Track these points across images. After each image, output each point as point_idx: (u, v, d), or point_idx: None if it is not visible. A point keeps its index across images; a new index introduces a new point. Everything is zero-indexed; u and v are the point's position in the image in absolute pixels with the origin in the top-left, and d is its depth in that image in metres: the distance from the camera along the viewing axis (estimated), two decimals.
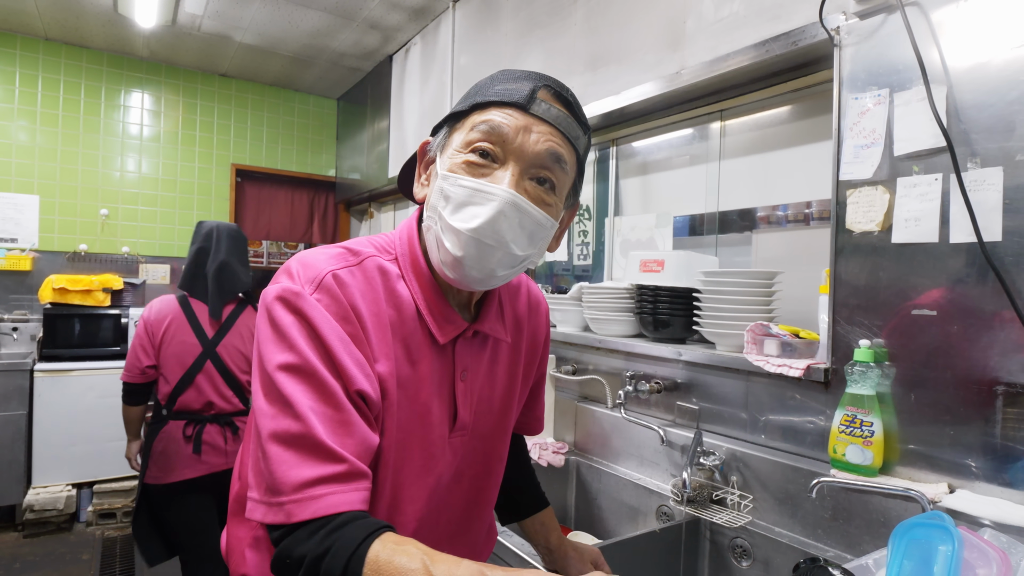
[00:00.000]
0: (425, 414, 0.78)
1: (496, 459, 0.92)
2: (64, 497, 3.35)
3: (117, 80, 4.06)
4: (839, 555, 1.19)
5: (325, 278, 0.71)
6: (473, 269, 0.73)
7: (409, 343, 0.76)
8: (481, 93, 0.76)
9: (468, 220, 0.71)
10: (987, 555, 0.76)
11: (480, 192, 0.71)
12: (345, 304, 0.71)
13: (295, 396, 0.65)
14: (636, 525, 1.63)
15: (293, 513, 0.62)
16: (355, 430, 0.67)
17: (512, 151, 0.72)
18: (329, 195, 4.93)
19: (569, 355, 2.01)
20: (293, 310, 0.69)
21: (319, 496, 0.62)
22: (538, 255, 0.79)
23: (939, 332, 1.10)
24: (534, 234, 0.74)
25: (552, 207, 0.76)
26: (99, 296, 3.80)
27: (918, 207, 1.13)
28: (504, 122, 0.72)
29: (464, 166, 0.73)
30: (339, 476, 0.64)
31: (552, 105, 0.74)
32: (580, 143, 0.77)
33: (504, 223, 0.71)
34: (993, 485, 1.03)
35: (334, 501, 0.62)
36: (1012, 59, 1.02)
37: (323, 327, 0.68)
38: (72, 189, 3.93)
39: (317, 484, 0.62)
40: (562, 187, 0.77)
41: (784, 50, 1.43)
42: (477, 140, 0.73)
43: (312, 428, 0.64)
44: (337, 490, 0.63)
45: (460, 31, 3.02)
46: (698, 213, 1.96)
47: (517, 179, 0.72)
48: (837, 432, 1.20)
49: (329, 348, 0.68)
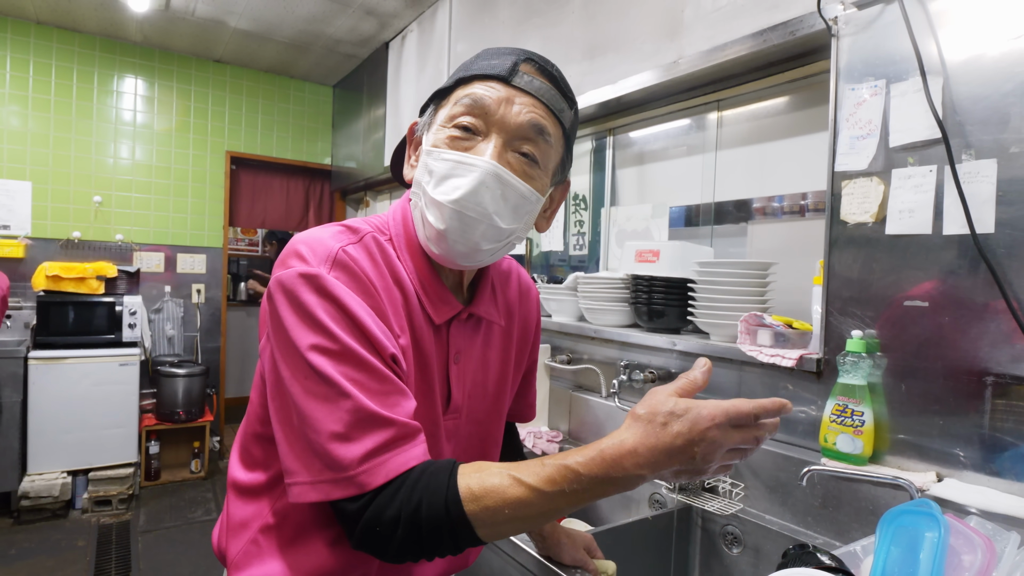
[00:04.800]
0: (428, 393, 0.78)
1: (491, 443, 0.93)
2: (59, 484, 3.35)
3: (110, 65, 4.02)
4: (828, 542, 1.20)
5: (338, 255, 0.70)
6: (457, 243, 0.73)
7: (413, 319, 0.77)
8: (464, 68, 0.76)
9: (450, 192, 0.71)
10: (972, 541, 0.78)
11: (462, 164, 0.71)
12: (363, 279, 0.71)
13: (336, 375, 0.65)
14: (629, 512, 1.64)
15: (366, 483, 0.63)
16: (399, 397, 0.68)
17: (494, 123, 0.72)
18: (324, 183, 4.91)
19: (564, 344, 2.02)
20: (317, 290, 0.67)
21: (386, 460, 0.64)
22: (523, 230, 0.78)
23: (931, 323, 1.10)
24: (518, 207, 0.74)
25: (537, 180, 0.75)
26: (93, 284, 3.79)
27: (912, 199, 1.13)
28: (486, 94, 0.72)
29: (447, 140, 0.73)
30: (398, 439, 0.65)
31: (535, 78, 0.74)
32: (565, 116, 0.77)
33: (486, 194, 0.71)
34: (980, 474, 1.04)
35: (401, 460, 0.64)
36: (1008, 51, 1.02)
37: (351, 304, 0.68)
38: (65, 176, 3.90)
39: (381, 452, 0.64)
40: (547, 160, 0.76)
41: (782, 40, 1.43)
42: (460, 114, 0.73)
43: (361, 401, 0.64)
44: (400, 451, 0.65)
45: (457, 18, 2.99)
46: (694, 204, 1.96)
47: (499, 151, 0.72)
48: (828, 421, 1.21)
49: (360, 323, 0.67)
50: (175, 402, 3.88)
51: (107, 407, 3.59)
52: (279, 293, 0.69)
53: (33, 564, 2.86)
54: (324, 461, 0.64)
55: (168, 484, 3.90)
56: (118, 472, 3.57)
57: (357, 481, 0.63)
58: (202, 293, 4.38)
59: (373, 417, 0.64)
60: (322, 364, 0.65)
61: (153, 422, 3.88)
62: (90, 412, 3.53)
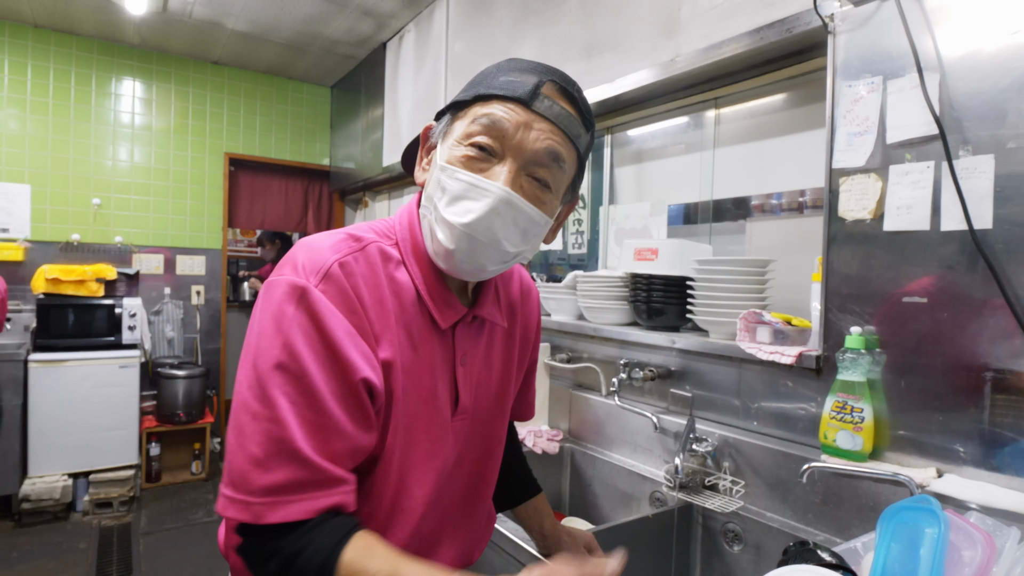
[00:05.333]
0: (430, 398, 0.79)
1: (495, 442, 0.93)
2: (60, 487, 3.35)
3: (108, 68, 4.01)
4: (829, 539, 1.20)
5: (331, 268, 0.70)
6: (464, 263, 0.74)
7: (411, 328, 0.77)
8: (485, 84, 0.75)
9: (462, 215, 0.71)
10: (973, 537, 0.78)
11: (476, 187, 0.71)
12: (351, 294, 0.71)
13: (279, 399, 0.65)
14: (629, 511, 1.65)
15: (261, 515, 0.63)
16: (338, 435, 0.67)
17: (511, 147, 0.72)
18: (323, 184, 4.91)
19: (564, 343, 2.02)
20: (297, 305, 0.68)
21: (289, 501, 0.64)
22: (530, 251, 0.79)
23: (929, 319, 1.10)
24: (527, 231, 0.75)
25: (547, 204, 0.76)
26: (92, 286, 3.79)
27: (910, 195, 1.13)
28: (505, 117, 0.71)
29: (462, 159, 0.73)
30: (310, 483, 0.65)
31: (555, 102, 0.73)
32: (581, 141, 0.76)
33: (497, 220, 0.71)
34: (980, 470, 1.04)
35: (303, 507, 0.64)
36: (1005, 47, 1.02)
37: (329, 322, 0.67)
38: (64, 178, 3.90)
39: (288, 491, 0.64)
40: (559, 185, 0.77)
41: (778, 37, 1.43)
42: (477, 133, 0.72)
43: (289, 432, 0.64)
44: (308, 497, 0.64)
45: (454, 18, 2.99)
46: (692, 201, 1.96)
47: (514, 176, 0.72)
48: (828, 418, 1.21)
49: (333, 343, 0.67)
50: (175, 404, 3.88)
51: (107, 409, 3.59)
52: (264, 297, 0.70)
53: (35, 567, 2.86)
54: (239, 478, 0.65)
55: (169, 486, 3.90)
56: (119, 474, 3.57)
57: (254, 510, 0.63)
58: (201, 295, 4.37)
59: (294, 453, 0.64)
60: (272, 382, 0.65)
61: (154, 424, 3.88)
62: (90, 414, 3.53)
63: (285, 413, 0.65)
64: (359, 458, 0.70)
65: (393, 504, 0.77)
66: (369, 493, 0.76)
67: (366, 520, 0.76)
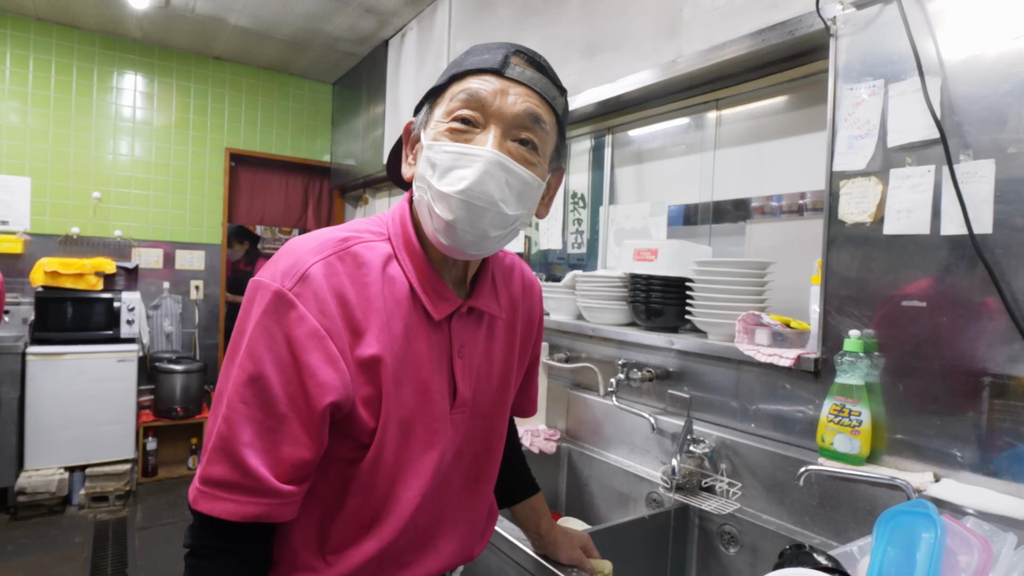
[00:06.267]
0: (425, 391, 0.79)
1: (496, 436, 0.93)
2: (56, 480, 3.35)
3: (109, 62, 4.01)
4: (825, 542, 1.20)
5: (309, 270, 0.71)
6: (466, 232, 0.74)
7: (404, 321, 0.77)
8: (457, 65, 0.78)
9: (456, 183, 0.72)
10: (969, 542, 0.78)
11: (465, 155, 0.72)
12: (325, 296, 0.71)
13: (235, 398, 0.69)
14: (626, 511, 1.65)
15: (196, 500, 0.69)
16: (289, 441, 0.69)
17: (492, 114, 0.74)
18: (324, 180, 4.91)
19: (562, 343, 2.02)
20: (268, 305, 0.69)
21: (217, 497, 0.68)
22: (527, 216, 0.80)
23: (928, 323, 1.10)
24: (522, 193, 0.76)
25: (536, 166, 0.77)
26: (91, 280, 3.79)
27: (910, 198, 1.13)
28: (482, 87, 0.74)
29: (447, 133, 0.74)
30: (241, 487, 0.68)
31: (526, 68, 0.76)
32: (557, 103, 0.79)
33: (491, 182, 0.72)
34: (978, 475, 1.04)
35: (228, 508, 0.68)
36: (1006, 51, 1.02)
37: (294, 328, 0.69)
38: (64, 172, 3.89)
39: (218, 486, 0.68)
40: (544, 147, 0.78)
41: (780, 39, 1.42)
42: (457, 108, 0.74)
43: (235, 434, 0.68)
44: (234, 499, 0.68)
45: (456, 16, 2.99)
46: (692, 203, 1.96)
47: (499, 140, 0.73)
48: (826, 421, 1.21)
49: (296, 349, 0.69)
50: (173, 398, 3.88)
51: (105, 403, 3.59)
52: (246, 295, 0.74)
53: (30, 560, 2.86)
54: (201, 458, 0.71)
55: (165, 480, 3.90)
56: (115, 468, 3.57)
57: (194, 492, 0.70)
58: (200, 289, 4.37)
59: (232, 453, 0.68)
60: (232, 380, 0.69)
61: (151, 418, 3.88)
62: (88, 408, 3.53)
63: (237, 414, 0.68)
64: (302, 471, 0.71)
65: (387, 494, 0.77)
66: (360, 483, 0.76)
67: (357, 510, 0.77)
